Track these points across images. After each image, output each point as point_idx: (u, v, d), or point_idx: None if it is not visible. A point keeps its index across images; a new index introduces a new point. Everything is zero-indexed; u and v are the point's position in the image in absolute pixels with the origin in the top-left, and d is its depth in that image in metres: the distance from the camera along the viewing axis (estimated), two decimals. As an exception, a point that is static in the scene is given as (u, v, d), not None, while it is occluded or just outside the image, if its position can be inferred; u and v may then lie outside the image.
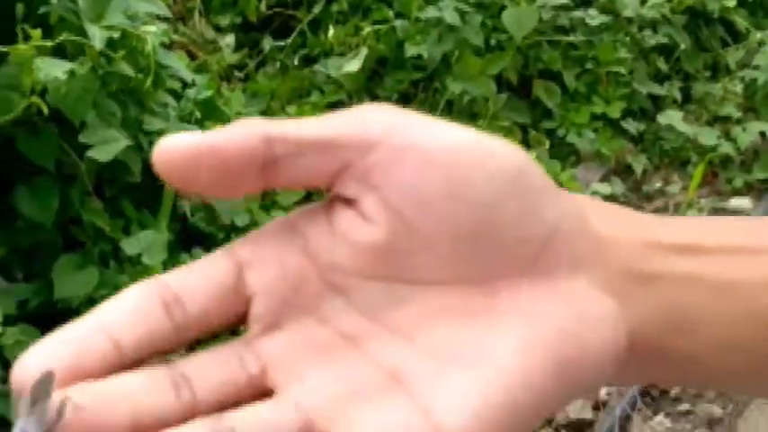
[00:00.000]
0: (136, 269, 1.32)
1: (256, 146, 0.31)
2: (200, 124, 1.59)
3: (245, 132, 0.31)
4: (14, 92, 1.14)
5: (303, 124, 0.32)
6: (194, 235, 1.55)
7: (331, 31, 2.09)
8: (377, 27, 2.04)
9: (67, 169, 1.28)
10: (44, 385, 0.28)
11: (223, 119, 1.58)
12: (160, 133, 1.40)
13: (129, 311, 0.31)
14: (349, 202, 0.32)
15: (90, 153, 1.19)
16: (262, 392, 0.31)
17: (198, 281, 0.32)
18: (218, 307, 0.32)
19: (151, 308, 0.31)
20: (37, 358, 0.29)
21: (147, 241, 1.32)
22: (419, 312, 0.32)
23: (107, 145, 1.23)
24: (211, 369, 0.31)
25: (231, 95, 1.73)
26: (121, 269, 1.38)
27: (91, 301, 1.25)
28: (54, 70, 1.07)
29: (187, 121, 1.57)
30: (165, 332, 0.31)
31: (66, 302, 1.27)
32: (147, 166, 1.36)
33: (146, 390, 0.30)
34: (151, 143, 1.38)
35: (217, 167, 0.31)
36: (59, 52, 1.19)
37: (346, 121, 0.33)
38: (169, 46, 1.66)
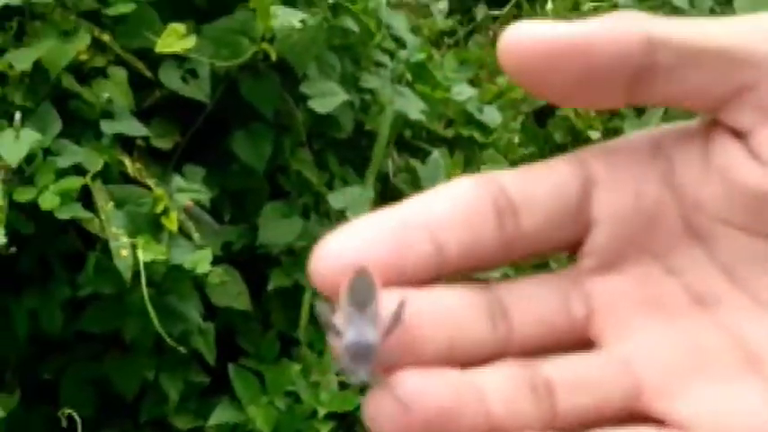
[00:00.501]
0: (337, 223, 1.33)
1: (633, 47, 0.25)
2: (411, 87, 1.58)
3: (621, 27, 0.25)
4: (245, 37, 1.16)
5: (694, 26, 0.26)
6: (395, 196, 1.55)
7: (549, 5, 2.04)
8: (597, 4, 1.97)
9: (283, 119, 1.29)
10: (366, 282, 0.24)
11: (433, 83, 1.56)
12: (374, 92, 1.39)
13: (458, 212, 0.26)
14: (737, 134, 0.26)
15: (310, 104, 1.19)
16: (580, 341, 0.26)
17: (538, 191, 0.26)
18: (555, 227, 0.27)
19: (483, 213, 0.26)
20: (351, 245, 0.25)
21: (352, 196, 1.32)
22: None
23: (326, 98, 1.23)
24: (531, 302, 0.26)
25: (443, 60, 1.71)
26: (322, 222, 1.39)
27: (290, 252, 1.26)
28: (290, 18, 1.08)
29: (398, 82, 1.56)
30: (492, 245, 0.26)
31: (266, 249, 1.29)
32: (357, 124, 1.36)
33: (464, 313, 0.25)
34: (363, 101, 1.38)
35: (578, 67, 0.25)
36: (288, 2, 1.21)
37: (754, 29, 0.26)
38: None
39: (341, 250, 0.24)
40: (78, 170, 1.03)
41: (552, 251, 0.27)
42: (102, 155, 1.05)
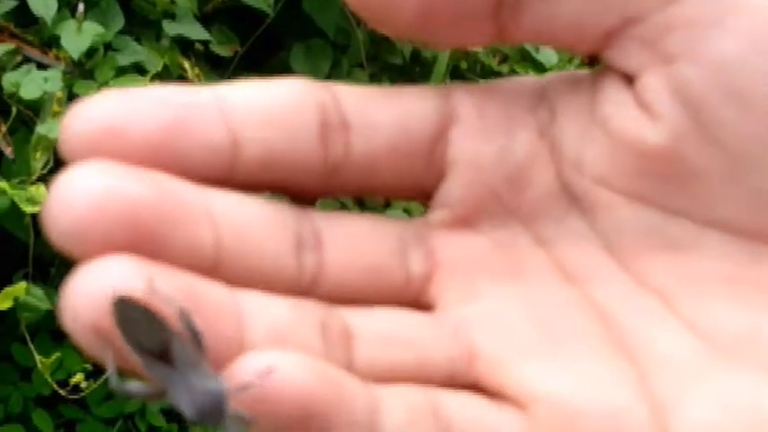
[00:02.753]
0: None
1: None
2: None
3: None
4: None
5: None
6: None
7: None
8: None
9: (342, 38, 1.27)
10: (135, 309, 0.18)
11: None
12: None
13: (271, 108, 0.21)
14: (627, 79, 0.21)
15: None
16: (413, 304, 0.22)
17: (380, 114, 0.22)
18: (397, 162, 0.22)
19: (304, 119, 0.21)
20: (115, 109, 0.19)
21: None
22: (695, 268, 0.21)
23: (389, 20, 1.21)
24: (356, 241, 0.22)
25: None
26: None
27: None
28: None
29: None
30: (309, 162, 0.21)
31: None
32: (413, 51, 1.34)
33: (261, 230, 0.21)
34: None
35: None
36: None
37: None
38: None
39: (100, 113, 0.20)
40: (138, 69, 1.01)
41: (393, 193, 0.23)
42: (162, 55, 1.03)
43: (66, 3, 1.03)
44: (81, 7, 1.00)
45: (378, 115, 0.22)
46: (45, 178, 0.92)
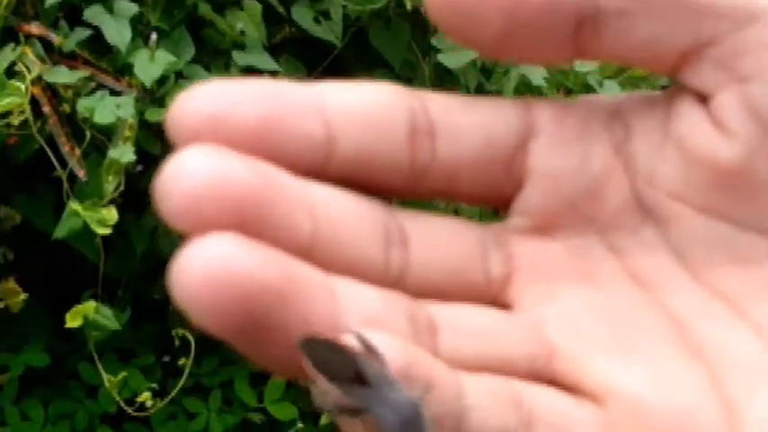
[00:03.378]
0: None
1: None
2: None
3: None
4: (381, -17, 1.15)
5: None
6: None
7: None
8: None
9: (408, 70, 1.29)
10: (325, 345, 0.20)
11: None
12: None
13: (365, 109, 0.22)
14: (701, 99, 0.22)
15: (440, 58, 1.19)
16: (493, 305, 0.23)
17: (466, 121, 0.23)
18: (479, 168, 0.23)
19: (394, 122, 0.22)
20: (220, 98, 0.21)
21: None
22: (765, 279, 0.22)
23: (455, 53, 1.22)
24: (440, 241, 0.23)
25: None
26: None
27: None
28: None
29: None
30: (396, 163, 0.22)
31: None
32: (479, 84, 1.35)
33: (352, 220, 0.21)
34: (487, 62, 1.36)
35: (510, 12, 0.21)
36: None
37: None
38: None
39: (205, 101, 0.21)
40: (208, 96, 1.03)
41: (474, 199, 0.24)
42: (231, 84, 1.06)
43: (140, 32, 1.06)
44: (154, 36, 1.03)
45: (462, 123, 0.23)
46: (116, 201, 0.95)
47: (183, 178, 0.19)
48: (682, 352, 0.22)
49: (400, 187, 0.23)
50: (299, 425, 1.11)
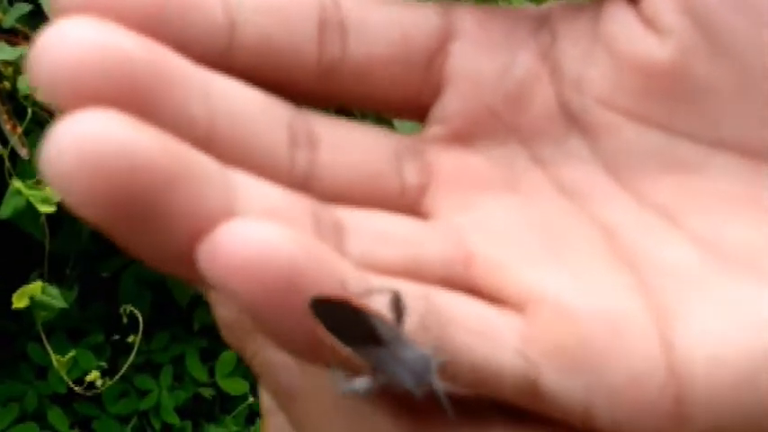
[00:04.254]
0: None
1: None
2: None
3: None
4: None
5: None
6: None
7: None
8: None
9: None
10: (335, 304, 0.19)
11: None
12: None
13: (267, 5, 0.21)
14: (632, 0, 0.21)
15: None
16: (407, 214, 0.21)
17: (380, 18, 0.22)
18: (393, 70, 0.22)
19: (301, 14, 0.21)
20: None
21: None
22: (700, 187, 0.21)
23: None
24: (352, 148, 0.22)
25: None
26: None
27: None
28: None
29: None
30: (303, 57, 0.21)
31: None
32: None
33: (253, 114, 0.20)
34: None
35: None
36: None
37: None
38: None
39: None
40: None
41: (390, 105, 0.23)
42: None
43: (81, 8, 1.04)
44: (95, 12, 1.02)
45: (377, 19, 0.22)
46: (60, 179, 0.94)
47: (62, 45, 0.17)
48: (612, 260, 0.20)
49: (309, 85, 0.22)
50: (251, 399, 1.11)
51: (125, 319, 0.99)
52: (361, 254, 0.20)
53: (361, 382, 0.20)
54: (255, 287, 0.17)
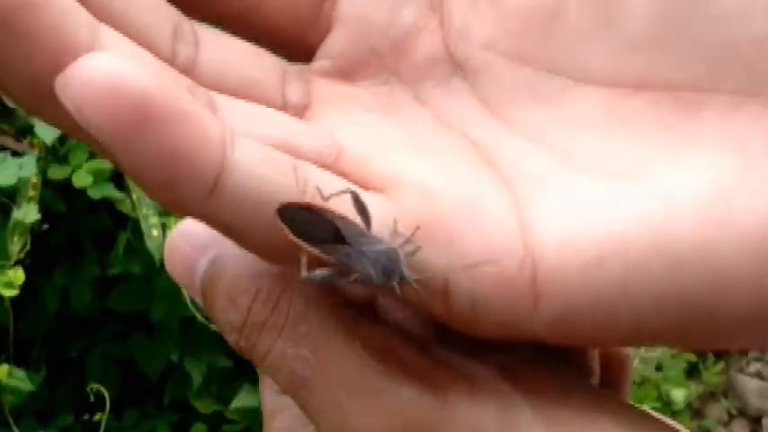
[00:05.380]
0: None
1: None
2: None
3: None
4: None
5: None
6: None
7: None
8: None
9: None
10: (299, 211, 0.20)
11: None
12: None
13: None
14: None
15: None
16: None
17: None
18: (286, 8, 0.23)
19: None
20: None
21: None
22: (565, 114, 0.22)
23: None
24: (234, 54, 0.23)
25: None
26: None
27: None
28: None
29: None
30: None
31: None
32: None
33: (140, 17, 0.21)
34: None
35: None
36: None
37: None
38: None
39: None
40: (111, 151, 1.04)
41: (278, 36, 0.24)
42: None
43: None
44: (53, 95, 1.03)
45: None
46: (23, 261, 0.95)
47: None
48: (475, 162, 0.22)
49: (202, 12, 0.23)
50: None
51: (92, 398, 0.99)
52: (232, 126, 0.20)
53: (321, 273, 0.21)
54: (107, 115, 0.17)
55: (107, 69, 0.17)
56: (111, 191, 1.00)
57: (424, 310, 0.22)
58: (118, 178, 1.02)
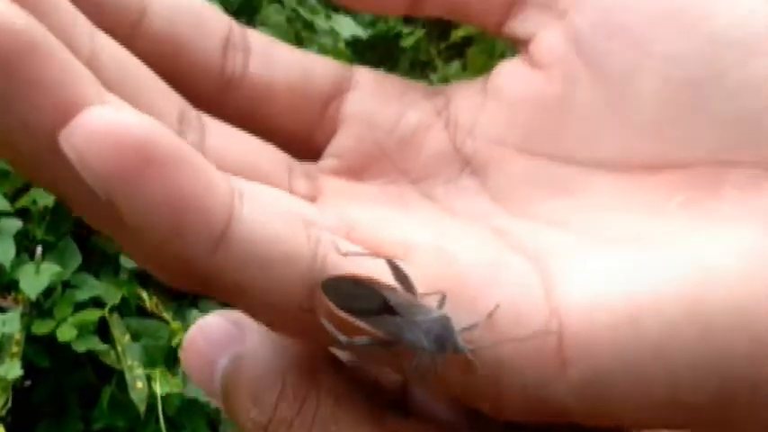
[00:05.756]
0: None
1: None
2: None
3: None
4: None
5: None
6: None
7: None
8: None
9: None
10: (346, 282, 0.20)
11: None
12: None
13: (182, 2, 0.23)
14: (521, 45, 0.24)
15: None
16: None
17: (283, 53, 0.24)
18: (289, 96, 0.24)
19: (209, 21, 0.23)
20: None
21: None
22: (582, 202, 0.22)
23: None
24: (240, 143, 0.23)
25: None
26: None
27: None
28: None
29: None
30: (208, 59, 0.23)
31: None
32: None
33: (136, 79, 0.21)
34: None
35: None
36: None
37: None
38: None
39: None
40: (96, 303, 1.03)
41: (286, 134, 0.24)
42: (120, 288, 1.06)
43: (26, 247, 1.06)
44: (39, 250, 1.04)
45: (280, 54, 0.24)
46: (4, 419, 0.93)
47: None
48: (490, 235, 0.21)
49: (210, 93, 0.23)
50: None
51: None
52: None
53: (363, 340, 0.20)
54: (111, 160, 0.17)
55: (111, 118, 0.17)
56: (95, 343, 0.99)
57: (449, 388, 0.20)
58: (103, 330, 1.01)
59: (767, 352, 0.18)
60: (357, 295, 0.20)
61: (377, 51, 1.36)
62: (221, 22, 0.24)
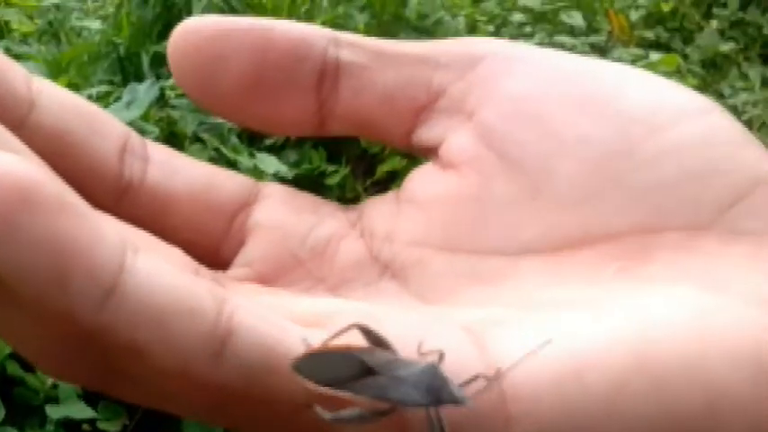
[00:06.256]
0: None
1: (315, 39, 0.22)
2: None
3: (306, 27, 0.23)
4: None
5: (385, 42, 0.23)
6: None
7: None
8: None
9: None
10: (333, 357, 0.19)
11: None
12: None
13: (75, 103, 0.23)
14: (431, 153, 0.24)
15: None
16: None
17: (189, 163, 0.24)
18: (190, 207, 0.23)
19: (104, 122, 0.23)
20: None
21: None
22: (515, 288, 0.21)
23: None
24: (144, 244, 0.22)
25: None
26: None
27: None
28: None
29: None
30: (103, 166, 0.23)
31: None
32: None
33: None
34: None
35: (252, 58, 0.22)
36: None
37: (443, 42, 0.24)
38: None
39: None
40: None
41: (189, 243, 0.23)
42: (46, 444, 1.02)
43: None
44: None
45: (181, 163, 0.23)
46: None
47: None
48: (415, 307, 0.21)
49: (105, 194, 0.23)
50: None
51: None
52: None
53: (350, 412, 0.18)
54: None
55: None
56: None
57: None
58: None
59: (721, 399, 0.18)
60: (332, 366, 0.19)
61: (303, 189, 1.38)
62: (119, 128, 0.23)
